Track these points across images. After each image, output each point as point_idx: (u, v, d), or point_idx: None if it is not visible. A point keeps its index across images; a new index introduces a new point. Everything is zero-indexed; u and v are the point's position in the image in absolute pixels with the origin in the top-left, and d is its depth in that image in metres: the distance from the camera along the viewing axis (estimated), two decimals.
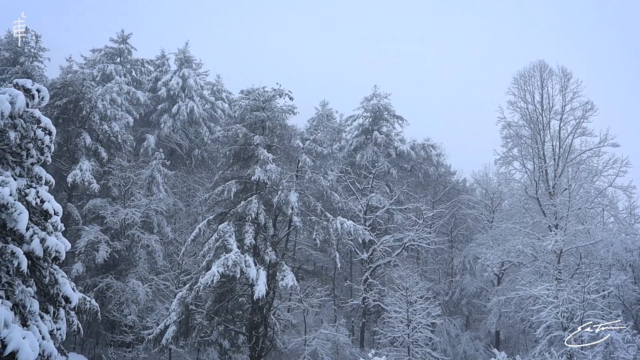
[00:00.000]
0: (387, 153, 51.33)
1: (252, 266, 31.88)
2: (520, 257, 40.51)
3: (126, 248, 39.32)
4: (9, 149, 19.71)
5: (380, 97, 52.56)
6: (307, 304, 37.90)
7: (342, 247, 45.08)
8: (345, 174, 47.47)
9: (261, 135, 36.29)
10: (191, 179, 48.65)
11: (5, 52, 49.48)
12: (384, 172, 49.56)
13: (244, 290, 35.65)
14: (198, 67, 59.57)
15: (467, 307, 49.58)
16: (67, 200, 40.60)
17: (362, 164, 49.29)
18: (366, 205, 44.76)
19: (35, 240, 18.62)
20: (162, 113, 53.80)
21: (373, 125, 52.63)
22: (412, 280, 37.77)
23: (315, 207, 37.06)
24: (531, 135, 41.67)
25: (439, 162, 57.41)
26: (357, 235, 36.99)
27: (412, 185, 51.20)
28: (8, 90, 19.15)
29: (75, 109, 42.85)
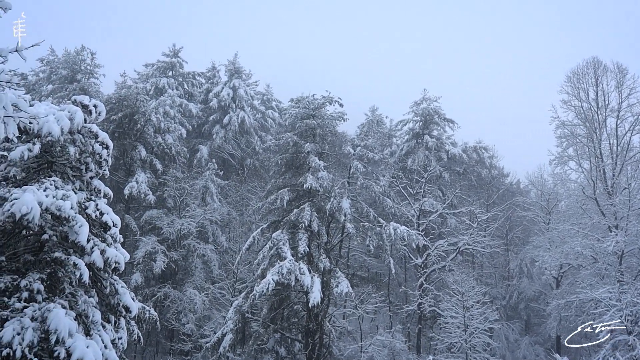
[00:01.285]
0: (438, 157, 50.94)
1: (306, 273, 31.97)
2: (580, 259, 39.54)
3: (182, 258, 39.97)
4: (69, 164, 20.32)
5: (430, 101, 52.25)
6: (362, 310, 37.79)
7: (396, 252, 44.84)
8: (397, 179, 47.26)
9: (312, 143, 36.44)
10: (244, 188, 49.17)
11: (63, 70, 51.10)
12: (436, 176, 49.17)
13: (299, 297, 35.79)
14: (248, 78, 60.29)
15: (526, 311, 48.68)
16: (125, 212, 41.53)
17: (414, 169, 49.01)
18: (419, 210, 44.44)
19: (95, 252, 19.09)
20: (214, 124, 54.56)
21: (423, 129, 52.33)
22: (468, 285, 37.30)
23: (368, 213, 36.97)
24: (587, 134, 40.71)
25: (491, 164, 56.71)
26: (410, 240, 36.74)
27: (465, 188, 50.64)
28: (67, 107, 19.76)
29: (130, 122, 43.87)
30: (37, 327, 16.75)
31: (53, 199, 17.87)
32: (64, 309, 17.37)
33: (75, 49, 52.48)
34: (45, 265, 18.68)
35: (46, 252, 18.86)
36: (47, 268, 18.62)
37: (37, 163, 20.22)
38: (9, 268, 18.40)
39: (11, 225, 18.49)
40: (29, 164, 19.99)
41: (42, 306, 17.21)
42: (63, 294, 18.75)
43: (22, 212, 16.88)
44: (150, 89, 53.70)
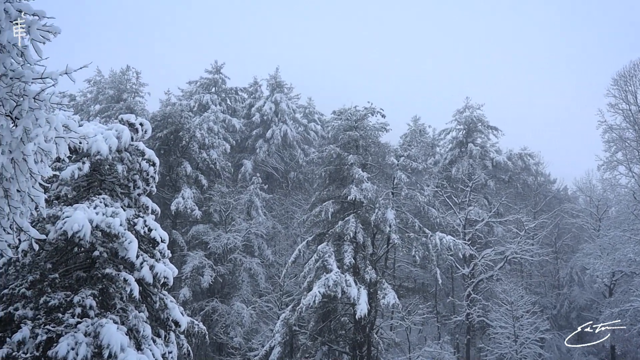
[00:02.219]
0: (483, 165, 50.38)
1: (352, 285, 31.90)
2: (633, 267, 38.52)
3: (229, 272, 40.32)
4: (118, 181, 20.77)
5: (472, 109, 51.82)
6: (410, 321, 37.51)
7: (442, 262, 44.43)
8: (441, 188, 46.89)
9: (355, 155, 36.45)
10: (288, 201, 49.42)
11: (109, 89, 52.32)
12: (481, 185, 48.61)
13: (346, 309, 35.71)
14: (289, 91, 60.72)
15: (578, 320, 47.58)
16: (172, 228, 42.13)
17: (458, 178, 48.57)
18: (464, 219, 43.97)
19: (145, 268, 19.42)
20: (257, 138, 55.05)
21: (467, 137, 51.88)
22: (517, 294, 36.70)
23: (413, 223, 36.75)
24: (636, 138, 39.78)
25: (537, 171, 55.86)
26: (457, 250, 36.36)
27: (511, 196, 49.94)
28: (114, 126, 20.23)
29: (176, 139, 44.57)
30: (90, 342, 17.10)
31: (103, 216, 18.28)
32: (115, 324, 17.69)
33: (121, 69, 53.72)
34: (96, 281, 19.09)
35: (97, 268, 19.27)
36: (99, 284, 19.02)
37: (87, 181, 20.71)
38: (63, 284, 18.85)
39: (64, 242, 18.98)
40: (79, 183, 20.49)
41: (94, 321, 17.57)
42: (114, 309, 19.12)
43: (74, 229, 17.32)
44: (194, 106, 54.51)
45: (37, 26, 7.99)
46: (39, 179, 8.88)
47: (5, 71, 7.95)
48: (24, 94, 8.09)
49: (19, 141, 8.21)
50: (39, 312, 17.68)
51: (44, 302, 17.74)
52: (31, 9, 7.97)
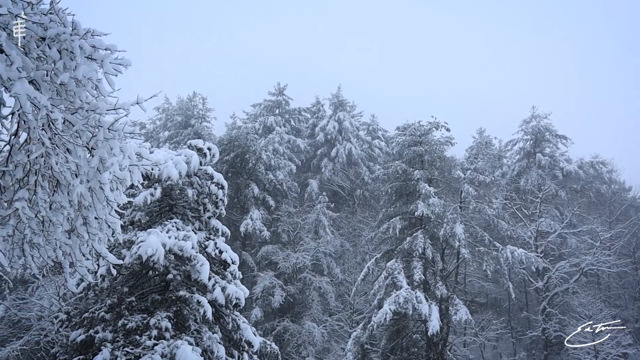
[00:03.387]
0: (552, 175, 49.17)
1: (423, 302, 31.57)
2: None
3: (299, 291, 40.52)
4: (188, 205, 21.30)
5: (539, 118, 50.78)
6: (484, 337, 36.75)
7: (515, 276, 43.42)
8: (510, 200, 45.95)
9: (421, 170, 36.23)
10: (355, 219, 49.41)
11: (177, 116, 53.79)
12: (551, 195, 47.40)
13: (418, 326, 35.32)
14: (352, 109, 60.93)
15: None
16: (242, 249, 42.71)
17: (527, 189, 47.53)
18: (536, 231, 42.89)
19: (217, 289, 19.79)
20: (321, 157, 55.39)
21: (535, 147, 50.82)
22: (595, 308, 35.50)
23: (483, 237, 36.15)
24: None
25: (611, 179, 54.12)
26: (529, 263, 35.51)
27: (584, 206, 48.46)
28: (183, 152, 20.80)
29: (242, 162, 45.33)
30: None
31: (175, 240, 18.76)
32: (190, 346, 18.06)
33: (188, 95, 55.21)
34: (171, 303, 19.56)
35: (171, 291, 19.75)
36: (173, 306, 19.48)
37: (158, 206, 21.32)
38: (139, 307, 19.39)
39: (139, 266, 19.55)
40: (151, 208, 21.11)
41: (170, 343, 17.98)
42: (189, 331, 19.52)
43: (148, 253, 17.84)
44: (259, 128, 55.37)
45: (110, 60, 8.35)
46: (115, 206, 9.23)
47: (81, 104, 8.33)
48: (99, 125, 8.45)
49: (96, 170, 8.57)
50: (118, 334, 18.23)
51: (122, 325, 18.28)
52: (103, 44, 8.34)
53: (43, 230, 8.81)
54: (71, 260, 9.28)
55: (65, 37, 7.95)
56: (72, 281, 9.69)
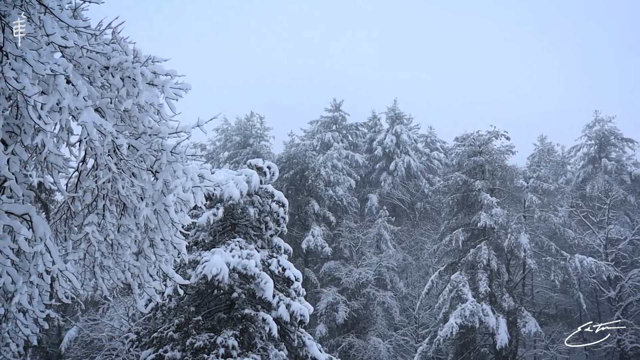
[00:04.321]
0: (620, 180, 47.62)
1: (490, 314, 31.00)
2: None
3: (363, 306, 40.32)
4: (250, 224, 21.57)
5: (603, 122, 49.39)
6: (555, 350, 35.74)
7: (585, 286, 42.10)
8: (576, 208, 44.71)
9: (482, 180, 35.73)
10: (417, 232, 48.95)
11: (236, 136, 54.61)
12: (620, 201, 45.85)
13: (485, 340, 34.66)
14: (409, 122, 60.57)
15: None
16: (304, 266, 42.83)
17: (594, 195, 46.13)
18: (605, 238, 41.54)
19: (281, 306, 19.92)
20: (380, 171, 55.21)
21: (599, 152, 49.40)
22: None
23: (549, 246, 35.29)
24: None
25: None
26: (599, 272, 34.48)
27: None
28: (244, 171, 21.11)
29: (302, 179, 45.60)
30: None
31: (239, 258, 19.01)
32: None
33: (246, 115, 55.99)
34: (237, 321, 19.77)
35: (237, 309, 19.98)
36: (239, 324, 19.68)
37: (221, 226, 21.65)
38: (206, 326, 19.68)
39: (204, 286, 19.87)
40: (214, 228, 21.46)
41: None
42: (255, 349, 19.68)
43: (213, 273, 18.12)
44: (316, 145, 55.62)
45: (170, 85, 8.58)
46: (179, 227, 9.42)
47: (144, 129, 8.58)
48: (162, 148, 8.67)
49: (160, 193, 8.78)
50: (186, 353, 18.52)
51: (190, 344, 18.57)
52: (164, 69, 8.58)
53: (112, 253, 9.08)
54: (140, 281, 9.52)
55: (127, 65, 8.22)
56: (141, 302, 9.92)
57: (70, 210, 9.28)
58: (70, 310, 29.40)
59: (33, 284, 7.93)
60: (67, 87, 7.44)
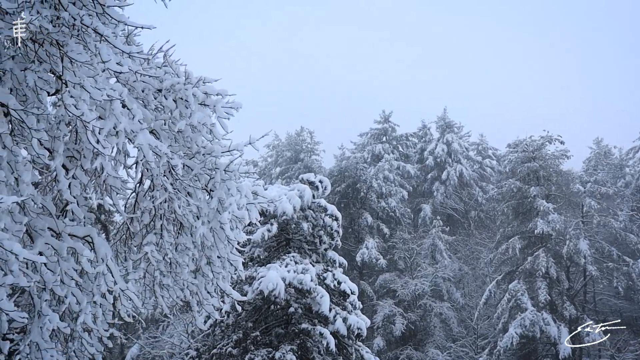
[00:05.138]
0: None
1: (551, 324, 30.33)
2: None
3: (420, 318, 39.92)
4: (304, 239, 21.66)
5: None
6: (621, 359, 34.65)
7: None
8: (637, 211, 43.39)
9: (537, 186, 35.09)
10: (472, 241, 48.29)
11: (287, 152, 55.06)
12: None
13: (547, 350, 33.86)
14: (459, 130, 59.95)
15: None
16: (359, 279, 42.68)
17: None
18: None
19: (338, 320, 19.90)
20: (432, 181, 54.76)
21: None
22: None
23: (610, 252, 34.34)
24: None
25: None
26: None
27: None
28: (296, 186, 21.25)
29: (354, 191, 45.59)
30: None
31: (294, 273, 19.10)
32: None
33: (295, 130, 56.39)
34: (294, 336, 19.84)
35: (294, 324, 20.04)
36: (297, 339, 19.74)
37: (276, 242, 21.81)
38: (264, 342, 19.80)
39: (261, 301, 20.02)
40: (269, 244, 21.64)
41: None
42: None
43: (269, 288, 18.26)
44: (367, 157, 55.50)
45: (221, 104, 8.74)
46: (235, 244, 9.55)
47: (198, 149, 8.75)
48: (216, 167, 8.82)
49: (216, 211, 8.92)
50: None
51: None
52: (215, 89, 8.75)
53: (171, 271, 9.25)
54: (198, 298, 9.67)
55: (180, 87, 8.41)
56: (200, 319, 10.08)
57: (129, 230, 9.52)
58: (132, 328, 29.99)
59: (97, 304, 8.14)
60: (122, 111, 7.66)
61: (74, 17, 6.57)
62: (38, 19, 6.28)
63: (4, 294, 6.24)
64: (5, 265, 6.34)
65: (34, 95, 7.33)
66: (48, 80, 7.34)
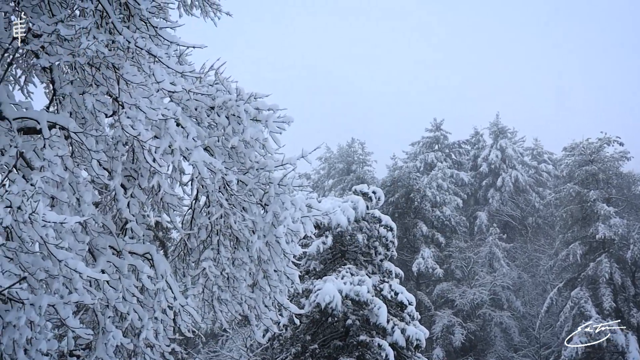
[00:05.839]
0: None
1: (618, 332, 29.43)
2: None
3: (480, 328, 39.31)
4: (359, 250, 21.63)
5: None
6: None
7: None
8: None
9: (596, 190, 34.24)
10: (530, 248, 47.36)
11: (339, 164, 55.13)
12: None
13: (614, 359, 32.83)
14: (513, 136, 59.02)
15: None
16: (416, 289, 42.32)
17: None
18: None
19: (396, 332, 19.76)
20: (487, 188, 54.01)
21: None
22: None
23: None
24: None
25: None
26: None
27: None
28: (349, 198, 21.27)
29: (407, 201, 45.32)
30: None
31: (350, 285, 19.08)
32: None
33: (347, 142, 56.40)
34: (352, 349, 19.77)
35: (352, 336, 19.99)
36: (355, 351, 19.67)
37: (331, 254, 21.83)
38: (322, 354, 19.80)
39: (318, 314, 20.04)
40: (324, 256, 21.67)
41: None
42: None
43: (326, 301, 18.26)
44: (420, 166, 55.10)
45: (273, 119, 8.81)
46: (291, 258, 9.58)
47: (251, 164, 8.84)
48: (270, 181, 8.89)
49: (271, 225, 8.98)
50: None
51: None
52: (266, 104, 8.84)
53: (229, 286, 9.35)
54: (256, 312, 9.73)
55: (232, 104, 8.53)
56: (259, 332, 10.13)
57: (187, 246, 9.67)
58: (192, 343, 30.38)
59: (158, 320, 8.27)
60: (177, 129, 7.81)
61: (128, 40, 6.74)
62: (95, 44, 6.47)
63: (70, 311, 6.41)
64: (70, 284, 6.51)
65: (93, 118, 7.54)
66: (105, 103, 7.55)
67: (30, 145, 7.06)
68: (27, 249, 6.13)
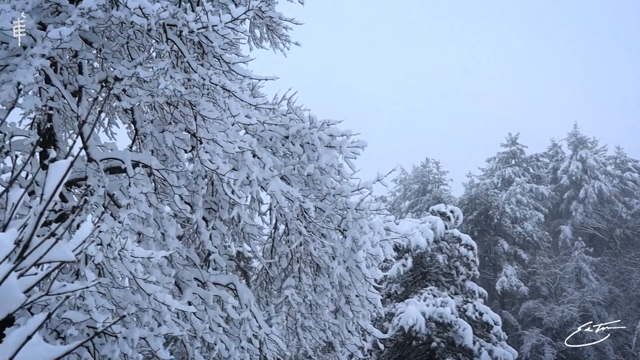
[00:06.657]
0: None
1: None
2: None
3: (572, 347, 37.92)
4: (440, 271, 21.33)
5: None
6: None
7: None
8: None
9: None
10: (620, 261, 45.47)
11: (414, 184, 54.73)
12: None
13: None
14: (594, 145, 57.18)
15: None
16: (501, 308, 41.28)
17: None
18: None
19: (483, 353, 19.30)
20: (569, 201, 52.38)
21: None
22: None
23: None
24: None
25: None
26: None
27: None
28: (427, 218, 21.08)
29: (486, 218, 44.46)
30: None
31: (433, 307, 18.81)
32: None
33: (421, 162, 56.00)
34: None
35: (437, 359, 19.64)
36: None
37: (412, 276, 21.61)
38: None
39: (402, 338, 19.81)
40: (405, 278, 21.47)
41: None
42: None
43: (409, 324, 18.05)
44: (497, 182, 54.04)
45: (347, 145, 8.87)
46: (372, 282, 9.56)
47: (328, 190, 8.92)
48: (347, 207, 8.93)
49: (350, 250, 9.00)
50: None
51: None
52: (339, 131, 8.91)
53: (312, 313, 9.40)
54: (340, 338, 9.73)
55: (305, 132, 8.65)
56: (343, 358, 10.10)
57: (269, 275, 9.82)
58: None
59: (244, 349, 8.39)
60: (254, 160, 7.97)
61: (203, 78, 6.96)
62: (172, 83, 6.71)
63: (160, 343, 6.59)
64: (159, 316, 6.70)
65: (173, 154, 7.81)
66: (184, 139, 7.81)
67: (116, 184, 7.36)
68: (118, 284, 6.37)
